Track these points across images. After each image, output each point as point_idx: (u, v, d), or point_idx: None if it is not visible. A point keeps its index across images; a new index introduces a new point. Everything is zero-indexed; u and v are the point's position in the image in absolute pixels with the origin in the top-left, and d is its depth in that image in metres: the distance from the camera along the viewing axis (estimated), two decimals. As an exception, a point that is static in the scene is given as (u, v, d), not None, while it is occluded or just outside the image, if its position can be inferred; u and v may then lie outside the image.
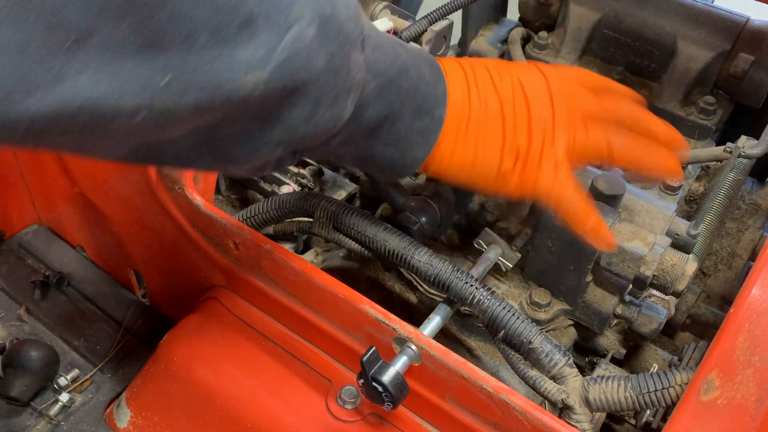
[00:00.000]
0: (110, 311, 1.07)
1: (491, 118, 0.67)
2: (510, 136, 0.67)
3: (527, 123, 0.68)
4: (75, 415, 0.94)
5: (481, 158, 0.67)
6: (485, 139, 0.67)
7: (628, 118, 0.73)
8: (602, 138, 0.70)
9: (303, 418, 0.78)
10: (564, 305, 0.85)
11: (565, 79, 0.71)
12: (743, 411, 0.61)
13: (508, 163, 0.67)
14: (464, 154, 0.67)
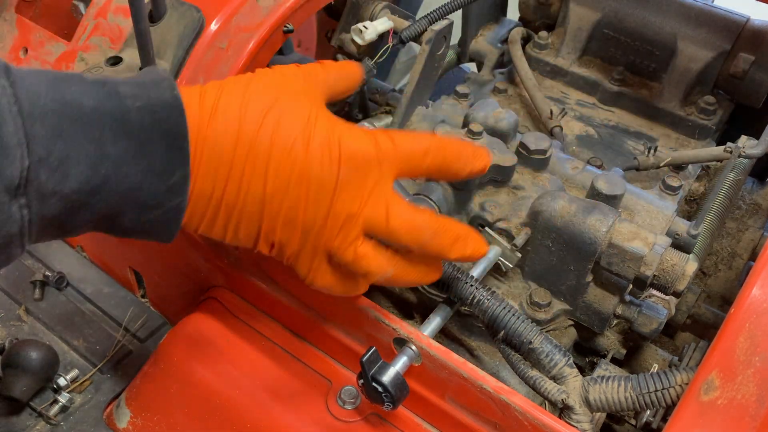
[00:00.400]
0: (110, 311, 1.06)
1: (247, 215, 0.58)
2: (268, 233, 0.59)
3: (292, 226, 0.59)
4: (75, 415, 0.94)
5: (233, 239, 0.60)
6: (236, 228, 0.59)
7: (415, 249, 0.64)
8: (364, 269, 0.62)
9: (303, 418, 0.78)
10: (564, 305, 0.85)
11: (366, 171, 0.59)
12: (743, 411, 0.61)
13: (264, 249, 0.61)
14: (213, 232, 0.59)
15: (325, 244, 0.61)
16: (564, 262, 0.81)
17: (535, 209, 0.81)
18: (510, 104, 1.27)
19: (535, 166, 0.90)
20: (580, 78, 1.29)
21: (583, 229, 0.77)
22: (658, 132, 1.23)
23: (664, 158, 1.07)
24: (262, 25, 0.93)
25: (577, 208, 0.79)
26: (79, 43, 0.98)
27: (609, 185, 0.83)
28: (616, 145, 1.20)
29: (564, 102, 1.28)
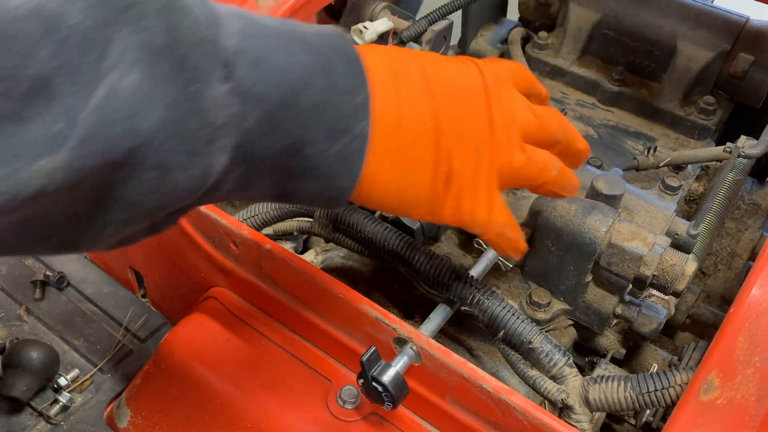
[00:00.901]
0: (110, 311, 1.07)
1: (424, 131, 0.55)
2: (444, 155, 0.56)
3: (463, 139, 0.57)
4: (75, 415, 0.94)
5: (411, 181, 0.56)
6: (416, 156, 0.55)
7: (562, 140, 0.64)
8: (539, 164, 0.62)
9: (303, 418, 0.78)
10: (564, 305, 0.85)
11: (502, 81, 0.61)
12: (743, 411, 0.61)
13: (439, 187, 0.57)
14: (391, 176, 0.55)
15: (495, 156, 0.58)
16: (564, 262, 0.81)
17: (535, 209, 0.82)
18: (510, 104, 1.27)
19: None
20: (579, 78, 1.29)
21: (583, 229, 0.77)
22: (657, 132, 1.23)
23: (664, 158, 1.07)
24: (262, 25, 0.93)
25: (577, 208, 0.79)
26: (80, 44, 0.98)
27: (609, 185, 0.83)
28: (615, 145, 1.20)
29: (564, 102, 1.28)
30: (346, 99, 0.50)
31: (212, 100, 0.41)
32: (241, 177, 0.48)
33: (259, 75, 0.45)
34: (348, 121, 0.51)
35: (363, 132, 0.52)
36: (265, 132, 0.46)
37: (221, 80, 0.42)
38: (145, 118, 0.37)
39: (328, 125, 0.50)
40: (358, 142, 0.52)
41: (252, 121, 0.45)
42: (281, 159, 0.49)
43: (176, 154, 0.40)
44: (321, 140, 0.50)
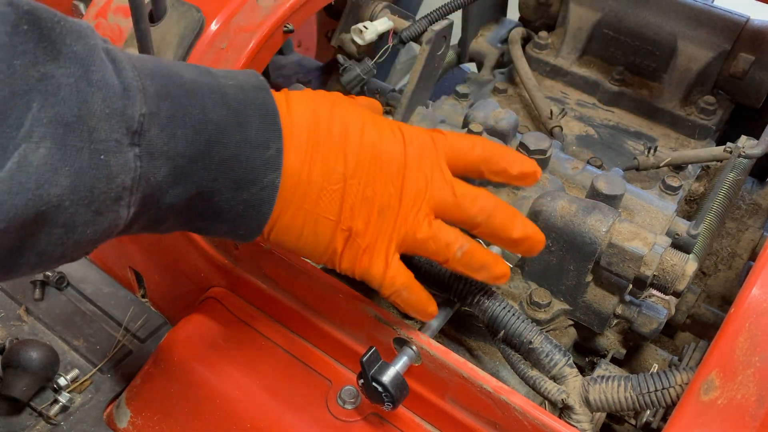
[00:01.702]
0: (110, 311, 1.06)
1: (330, 191, 0.59)
2: (346, 216, 0.60)
3: (369, 204, 0.60)
4: (75, 415, 0.94)
5: (311, 233, 0.60)
6: (318, 213, 0.59)
7: (482, 223, 0.64)
8: (442, 241, 0.63)
9: (303, 418, 0.78)
10: (564, 305, 0.85)
11: (427, 155, 0.63)
12: (743, 411, 0.61)
13: (338, 243, 0.61)
14: (294, 226, 0.59)
15: (400, 225, 0.61)
16: (564, 262, 0.81)
17: (535, 209, 0.82)
18: (510, 104, 1.27)
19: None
20: (580, 78, 1.29)
21: (583, 229, 0.77)
22: (658, 132, 1.23)
23: (664, 158, 1.07)
24: (262, 25, 0.93)
25: (577, 208, 0.79)
26: (79, 43, 0.98)
27: (609, 185, 0.83)
28: (616, 145, 1.20)
29: (564, 102, 1.28)
30: (258, 152, 0.54)
31: (119, 165, 0.45)
32: (150, 219, 0.52)
33: (170, 135, 0.48)
34: (257, 173, 0.54)
35: (273, 183, 0.55)
36: (175, 183, 0.50)
37: (129, 146, 0.46)
38: (53, 186, 0.41)
39: (238, 177, 0.53)
40: (267, 191, 0.55)
41: (161, 176, 0.49)
42: (190, 204, 0.53)
43: (83, 214, 0.44)
44: (230, 190, 0.53)
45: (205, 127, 0.51)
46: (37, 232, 0.42)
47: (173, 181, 0.50)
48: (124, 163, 0.45)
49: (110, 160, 0.44)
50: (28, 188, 0.39)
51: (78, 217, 0.44)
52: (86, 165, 0.42)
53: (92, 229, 0.45)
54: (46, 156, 0.40)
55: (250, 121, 0.53)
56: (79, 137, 0.42)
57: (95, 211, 0.44)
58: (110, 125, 0.44)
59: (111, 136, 0.44)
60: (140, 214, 0.50)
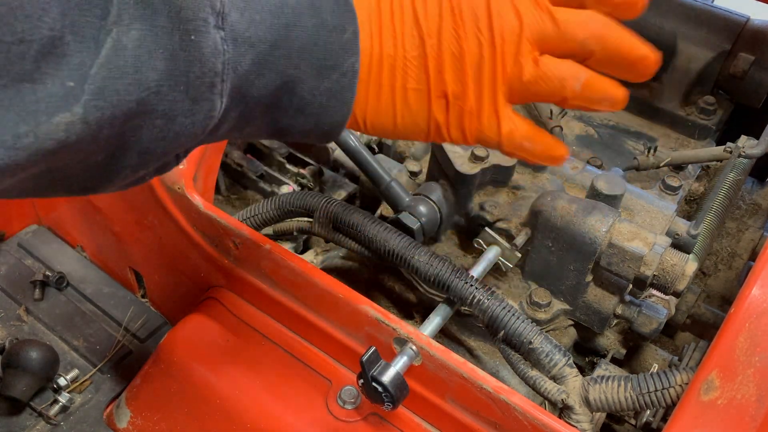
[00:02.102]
0: (110, 311, 1.07)
1: (407, 60, 0.54)
2: (437, 81, 0.55)
3: (460, 59, 0.54)
4: (75, 415, 0.94)
5: (406, 110, 0.56)
6: (406, 86, 0.55)
7: (597, 50, 0.58)
8: (554, 79, 0.56)
9: (303, 418, 0.78)
10: (564, 305, 0.85)
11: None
12: (743, 411, 0.61)
13: (438, 113, 0.56)
14: (383, 107, 0.56)
15: (502, 71, 0.55)
16: (564, 262, 0.81)
17: (535, 209, 0.82)
18: (510, 104, 1.27)
19: (535, 166, 0.90)
20: (580, 78, 1.29)
21: (583, 229, 0.77)
22: (658, 132, 1.23)
23: (664, 158, 1.07)
24: (262, 25, 0.93)
25: (577, 208, 0.79)
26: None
27: (609, 185, 0.83)
28: (616, 145, 1.20)
29: (564, 102, 1.27)
30: (334, 36, 0.51)
31: (209, 48, 0.43)
32: (239, 116, 0.50)
33: (250, 19, 0.46)
34: (337, 58, 0.52)
35: (353, 67, 0.53)
36: (259, 73, 0.48)
37: (216, 28, 0.44)
38: (150, 70, 0.40)
39: (318, 63, 0.51)
40: (348, 77, 0.53)
41: (246, 64, 0.47)
42: (275, 97, 0.51)
43: (181, 101, 0.43)
44: (312, 78, 0.51)
45: (282, 10, 0.49)
46: (139, 126, 0.42)
47: (257, 70, 0.48)
48: (213, 45, 0.44)
49: (201, 42, 0.43)
50: (126, 72, 0.38)
51: (177, 105, 0.43)
52: (178, 47, 0.41)
53: (190, 119, 0.44)
54: (139, 39, 0.39)
55: (322, 4, 0.51)
56: (168, 18, 0.40)
57: (192, 98, 0.44)
58: (196, 3, 0.42)
59: (198, 15, 0.42)
60: (231, 108, 0.48)
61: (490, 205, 0.87)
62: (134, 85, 0.39)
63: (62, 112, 0.36)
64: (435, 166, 0.90)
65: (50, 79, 0.35)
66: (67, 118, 0.36)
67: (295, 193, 0.89)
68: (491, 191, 0.89)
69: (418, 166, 0.99)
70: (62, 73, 0.36)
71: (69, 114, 0.36)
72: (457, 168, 0.84)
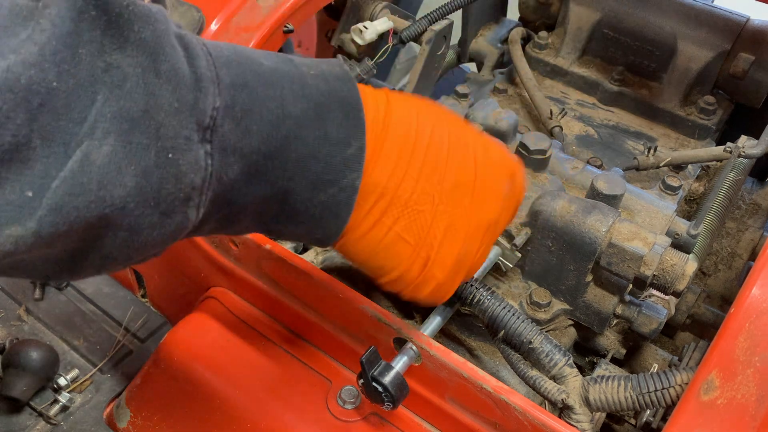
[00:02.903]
0: (110, 311, 1.06)
1: (414, 212, 0.55)
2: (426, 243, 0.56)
3: (455, 234, 0.57)
4: (75, 415, 0.94)
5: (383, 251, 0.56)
6: (397, 231, 0.55)
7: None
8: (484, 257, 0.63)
9: (303, 417, 0.78)
10: (564, 305, 0.85)
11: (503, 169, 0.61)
12: (743, 411, 0.61)
13: (412, 271, 0.57)
14: (368, 237, 0.55)
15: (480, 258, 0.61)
16: (564, 262, 0.81)
17: (535, 209, 0.82)
18: (510, 104, 1.27)
19: (535, 166, 0.90)
20: (580, 78, 1.29)
21: (583, 229, 0.77)
22: (658, 132, 1.23)
23: (664, 158, 1.07)
24: (262, 25, 0.93)
25: (577, 208, 0.79)
26: (79, 43, 0.98)
27: (609, 185, 0.83)
28: (616, 145, 1.20)
29: (564, 102, 1.28)
30: (337, 150, 0.49)
31: (188, 164, 0.41)
32: (222, 219, 0.48)
33: (245, 130, 0.45)
34: (336, 173, 0.50)
35: (353, 184, 0.51)
36: (249, 181, 0.47)
37: (200, 143, 0.42)
38: (117, 186, 0.38)
39: (315, 176, 0.49)
40: (346, 193, 0.51)
41: (234, 173, 0.45)
42: (265, 205, 0.49)
43: (149, 215, 0.41)
44: (306, 190, 0.49)
45: (283, 121, 0.47)
46: (101, 236, 0.40)
47: (247, 179, 0.46)
48: (194, 161, 0.42)
49: (179, 159, 0.41)
50: (90, 189, 0.36)
51: (144, 219, 0.41)
52: (153, 164, 0.39)
53: (159, 231, 0.42)
54: (110, 154, 0.37)
55: (331, 115, 0.49)
56: (146, 134, 0.38)
57: (162, 212, 0.41)
58: (179, 120, 0.40)
59: (180, 132, 0.40)
60: (211, 214, 0.47)
61: (490, 205, 0.87)
62: (96, 203, 0.37)
63: (13, 224, 0.34)
64: (435, 166, 0.90)
65: (9, 185, 0.33)
66: (18, 232, 0.34)
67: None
68: (491, 191, 0.89)
69: (418, 166, 0.99)
70: (23, 179, 0.34)
71: (20, 228, 0.34)
72: (457, 168, 0.84)
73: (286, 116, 0.47)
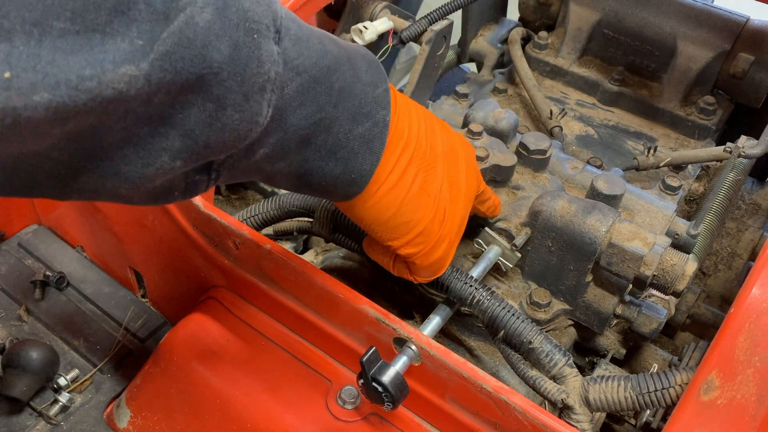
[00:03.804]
0: (110, 311, 1.06)
1: (432, 159, 0.64)
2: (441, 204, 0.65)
3: (456, 183, 0.66)
4: (75, 415, 0.94)
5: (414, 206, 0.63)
6: (424, 179, 0.63)
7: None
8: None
9: (303, 418, 0.78)
10: (564, 305, 0.85)
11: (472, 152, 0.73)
12: (743, 411, 0.61)
13: (435, 225, 0.65)
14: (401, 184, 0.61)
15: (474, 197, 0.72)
16: (564, 262, 0.81)
17: (535, 209, 0.82)
18: (510, 104, 1.27)
19: (535, 166, 0.90)
20: (580, 78, 1.29)
21: (583, 229, 0.77)
22: (658, 132, 1.23)
23: (664, 158, 1.07)
24: (262, 25, 0.93)
25: (577, 208, 0.79)
26: (80, 43, 0.98)
27: (609, 185, 0.83)
28: (616, 145, 1.20)
29: (564, 102, 1.28)
30: (368, 89, 0.57)
31: (267, 52, 0.46)
32: (275, 144, 0.52)
33: (299, 51, 0.50)
34: (370, 108, 0.57)
35: (384, 119, 0.58)
36: (302, 102, 0.51)
37: (274, 40, 0.47)
38: (216, 52, 0.41)
39: (354, 108, 0.56)
40: (379, 127, 0.58)
41: (291, 89, 0.50)
42: (312, 133, 0.54)
43: (235, 92, 0.44)
44: (347, 121, 0.55)
45: (325, 54, 0.53)
46: (191, 103, 0.43)
47: (300, 99, 0.51)
48: (270, 52, 0.46)
49: (261, 43, 0.45)
50: (195, 45, 0.40)
51: (230, 94, 0.44)
52: (242, 41, 0.43)
53: (239, 115, 0.45)
54: (210, 21, 0.41)
55: (359, 63, 0.56)
56: (236, 13, 0.43)
57: (244, 94, 0.45)
58: (261, 9, 0.45)
59: (262, 20, 0.45)
60: (271, 130, 0.50)
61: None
62: (199, 59, 0.40)
63: (129, 64, 0.37)
64: (435, 166, 0.90)
65: (120, 36, 0.37)
66: (132, 71, 0.37)
67: (296, 193, 0.89)
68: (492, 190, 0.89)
69: (418, 166, 0.99)
70: (132, 33, 0.37)
71: (135, 68, 0.37)
72: (457, 168, 0.84)
73: (327, 52, 0.53)
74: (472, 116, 0.93)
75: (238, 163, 0.51)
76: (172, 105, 0.42)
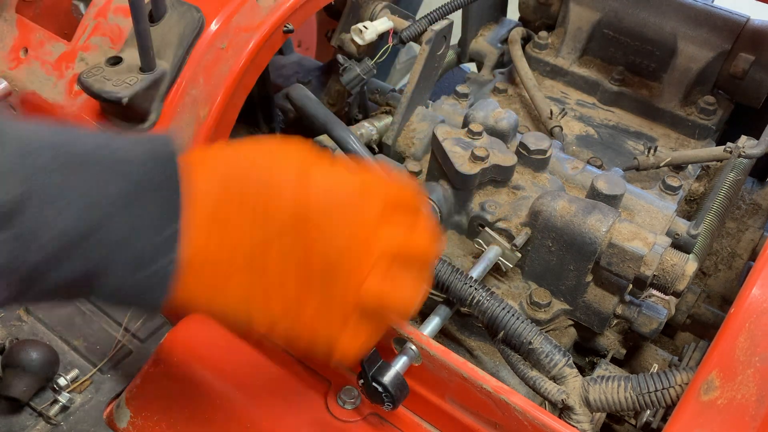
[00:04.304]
0: (110, 311, 1.06)
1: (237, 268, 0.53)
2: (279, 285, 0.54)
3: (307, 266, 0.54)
4: (75, 415, 0.94)
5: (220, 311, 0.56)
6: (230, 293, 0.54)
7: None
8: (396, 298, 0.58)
9: (303, 418, 0.78)
10: (564, 305, 0.85)
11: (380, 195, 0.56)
12: (743, 411, 0.61)
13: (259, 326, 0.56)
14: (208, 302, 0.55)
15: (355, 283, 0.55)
16: (564, 262, 0.81)
17: (535, 209, 0.82)
18: (510, 104, 1.27)
19: (535, 166, 0.90)
20: (580, 78, 1.29)
21: (583, 229, 0.77)
22: (658, 132, 1.23)
23: (664, 158, 1.07)
24: (262, 25, 0.93)
25: (577, 208, 0.79)
26: (80, 43, 0.98)
27: (609, 185, 0.83)
28: (616, 145, 1.20)
29: (564, 102, 1.28)
30: (151, 234, 0.50)
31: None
32: (38, 295, 0.49)
33: (57, 211, 0.46)
34: (151, 256, 0.50)
35: (169, 266, 0.51)
36: (59, 262, 0.47)
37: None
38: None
39: (133, 256, 0.50)
40: (160, 276, 0.51)
41: (42, 255, 0.46)
42: (80, 284, 0.50)
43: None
44: (124, 270, 0.50)
45: (98, 204, 0.48)
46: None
47: (57, 260, 0.47)
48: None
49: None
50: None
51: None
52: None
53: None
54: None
55: (147, 198, 0.50)
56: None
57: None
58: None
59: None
60: (22, 292, 0.48)
61: (490, 205, 0.87)
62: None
63: None
64: (435, 166, 0.90)
65: None
66: None
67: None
68: (491, 191, 0.89)
69: (418, 166, 0.99)
70: None
71: None
72: (457, 168, 0.84)
73: (102, 198, 0.48)
74: (472, 116, 0.93)
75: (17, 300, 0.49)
76: None
